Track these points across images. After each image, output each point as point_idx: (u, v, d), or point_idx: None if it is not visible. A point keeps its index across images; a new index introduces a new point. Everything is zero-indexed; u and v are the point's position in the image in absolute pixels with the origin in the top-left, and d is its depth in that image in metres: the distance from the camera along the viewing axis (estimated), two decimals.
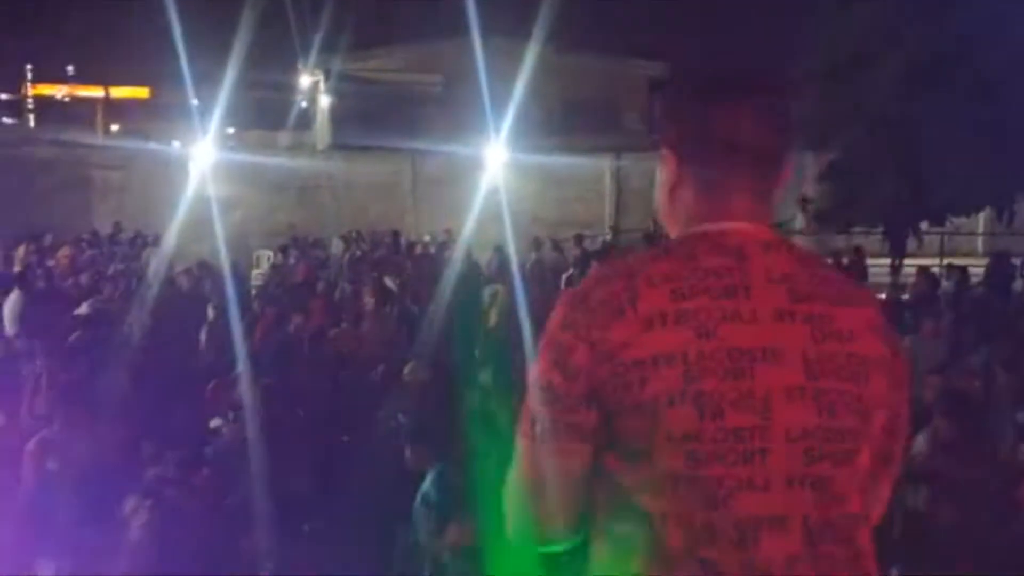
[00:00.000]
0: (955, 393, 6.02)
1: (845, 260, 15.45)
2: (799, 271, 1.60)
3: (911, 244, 16.22)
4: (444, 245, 15.56)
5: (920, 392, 5.95)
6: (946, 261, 15.00)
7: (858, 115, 14.44)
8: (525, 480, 1.63)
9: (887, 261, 16.02)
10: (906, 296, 12.44)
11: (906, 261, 15.68)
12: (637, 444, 1.53)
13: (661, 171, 1.72)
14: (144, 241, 15.05)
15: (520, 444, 1.63)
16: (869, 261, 15.65)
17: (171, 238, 13.60)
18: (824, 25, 15.48)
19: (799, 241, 17.23)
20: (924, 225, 15.93)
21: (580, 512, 1.62)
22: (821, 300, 1.58)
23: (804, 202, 17.78)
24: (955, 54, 13.21)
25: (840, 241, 16.22)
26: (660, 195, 1.73)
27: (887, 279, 15.73)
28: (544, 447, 1.59)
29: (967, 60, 12.93)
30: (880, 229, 16.07)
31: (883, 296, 14.56)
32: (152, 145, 23.07)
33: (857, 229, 16.24)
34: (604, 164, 21.78)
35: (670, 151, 1.69)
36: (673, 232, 1.70)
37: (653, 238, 18.27)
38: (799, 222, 17.41)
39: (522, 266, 12.73)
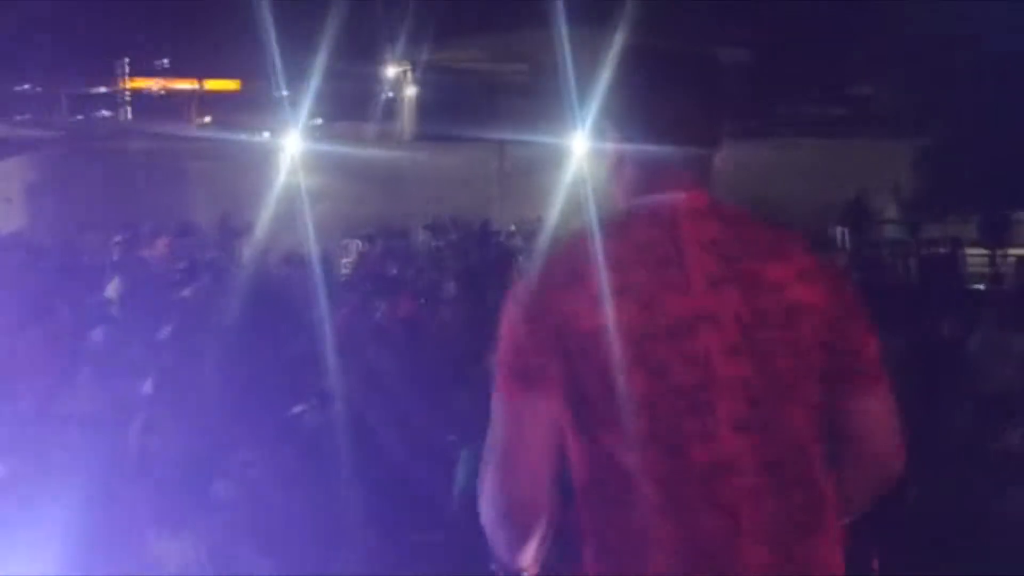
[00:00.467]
0: None
1: (942, 250, 15.16)
2: (728, 234, 1.76)
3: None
4: (533, 234, 15.60)
5: None
6: None
7: (954, 100, 14.08)
8: (499, 445, 1.73)
9: (984, 251, 15.58)
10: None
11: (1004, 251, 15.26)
12: (599, 410, 1.68)
13: (604, 148, 1.88)
14: (236, 231, 15.42)
15: (495, 410, 1.74)
16: (966, 251, 15.30)
17: (262, 228, 13.92)
18: (914, 7, 15.15)
19: (888, 229, 17.01)
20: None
21: (552, 482, 1.73)
22: (749, 258, 1.74)
23: (896, 190, 17.41)
24: None
25: (935, 230, 15.82)
26: (606, 171, 1.89)
27: (986, 269, 15.33)
28: (513, 413, 1.72)
29: None
30: (976, 217, 15.66)
31: (982, 287, 14.26)
32: (243, 136, 23.62)
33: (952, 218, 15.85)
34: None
35: (612, 129, 1.85)
36: (619, 205, 1.85)
37: None
38: (892, 211, 17.07)
39: None
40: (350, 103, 25.59)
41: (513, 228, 17.22)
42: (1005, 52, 13.26)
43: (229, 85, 36.02)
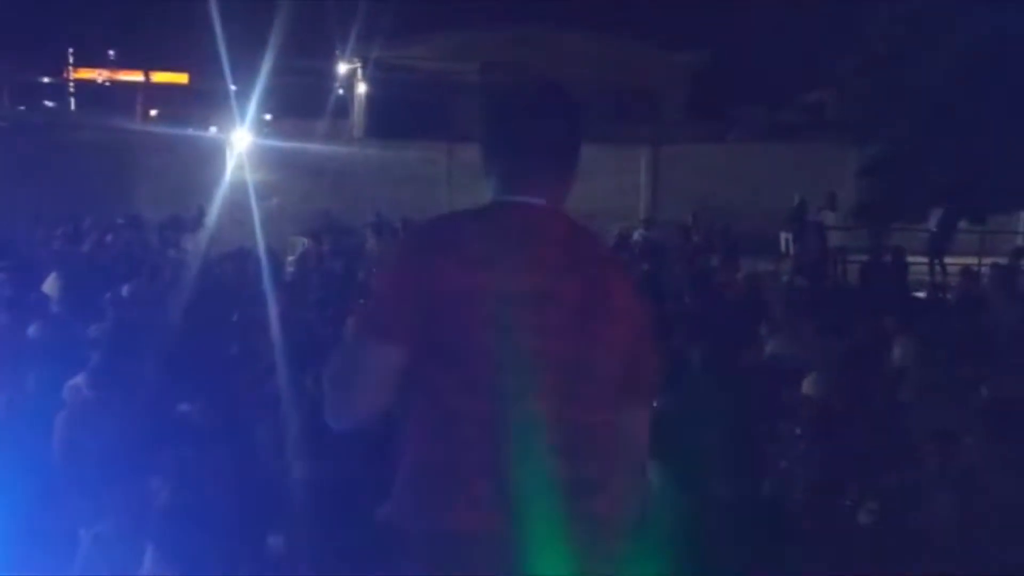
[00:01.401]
0: None
1: (888, 257, 15.42)
2: (575, 238, 2.18)
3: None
4: None
5: None
6: (987, 260, 14.88)
7: (903, 108, 14.33)
8: (346, 366, 2.14)
9: (926, 260, 15.87)
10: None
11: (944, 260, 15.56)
12: (450, 357, 2.03)
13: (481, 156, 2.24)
14: (181, 226, 15.28)
15: (351, 338, 2.19)
16: (908, 259, 15.58)
17: (208, 223, 13.85)
18: (869, 15, 15.37)
19: (832, 236, 17.26)
20: (962, 224, 15.76)
21: (383, 403, 2.14)
22: (591, 262, 2.16)
23: (831, 198, 17.72)
24: (1003, 48, 13.07)
25: (877, 238, 16.09)
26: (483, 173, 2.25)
27: (927, 278, 15.64)
28: (368, 346, 2.10)
29: (1014, 53, 12.78)
30: (919, 226, 15.95)
31: (924, 295, 14.54)
32: (190, 131, 23.38)
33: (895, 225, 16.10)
34: (641, 155, 21.75)
35: (486, 145, 2.23)
36: (488, 200, 2.22)
37: (689, 232, 18.31)
38: (829, 218, 17.34)
39: None
40: (301, 99, 25.42)
41: None
42: (955, 64, 13.53)
43: (177, 78, 35.64)
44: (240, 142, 18.31)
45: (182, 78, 35.36)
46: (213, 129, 23.80)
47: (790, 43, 24.77)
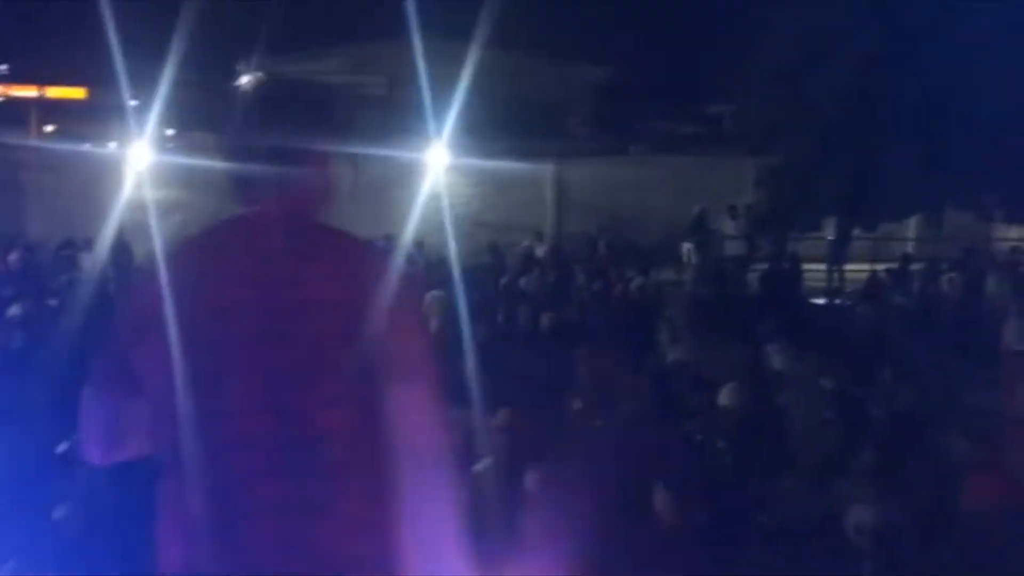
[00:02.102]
0: None
1: (786, 265, 15.83)
2: (288, 239, 2.05)
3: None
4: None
5: None
6: (880, 267, 15.41)
7: (796, 121, 14.73)
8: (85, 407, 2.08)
9: (818, 266, 16.36)
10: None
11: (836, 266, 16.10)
12: (163, 383, 1.92)
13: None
14: (76, 246, 14.89)
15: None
16: (804, 267, 16.05)
17: (105, 242, 13.52)
18: (763, 31, 15.74)
19: (733, 245, 17.69)
20: (856, 231, 16.28)
21: (120, 441, 2.08)
22: (294, 259, 2.02)
23: (732, 209, 18.15)
24: (889, 63, 13.54)
25: (775, 246, 16.53)
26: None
27: (823, 284, 16.11)
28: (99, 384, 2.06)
29: (903, 68, 13.25)
30: (814, 234, 16.43)
31: (821, 302, 14.97)
32: (87, 147, 22.79)
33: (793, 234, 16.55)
34: (546, 169, 21.90)
35: (218, 153, 2.17)
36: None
37: (596, 243, 18.53)
38: (729, 228, 17.76)
39: (464, 271, 12.82)
40: (204, 114, 24.98)
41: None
42: (844, 79, 13.95)
43: (74, 93, 34.69)
44: (140, 158, 17.88)
45: (80, 93, 34.43)
46: (113, 145, 23.22)
47: (690, 57, 25.26)
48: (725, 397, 6.11)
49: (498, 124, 21.94)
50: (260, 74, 2.24)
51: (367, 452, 1.96)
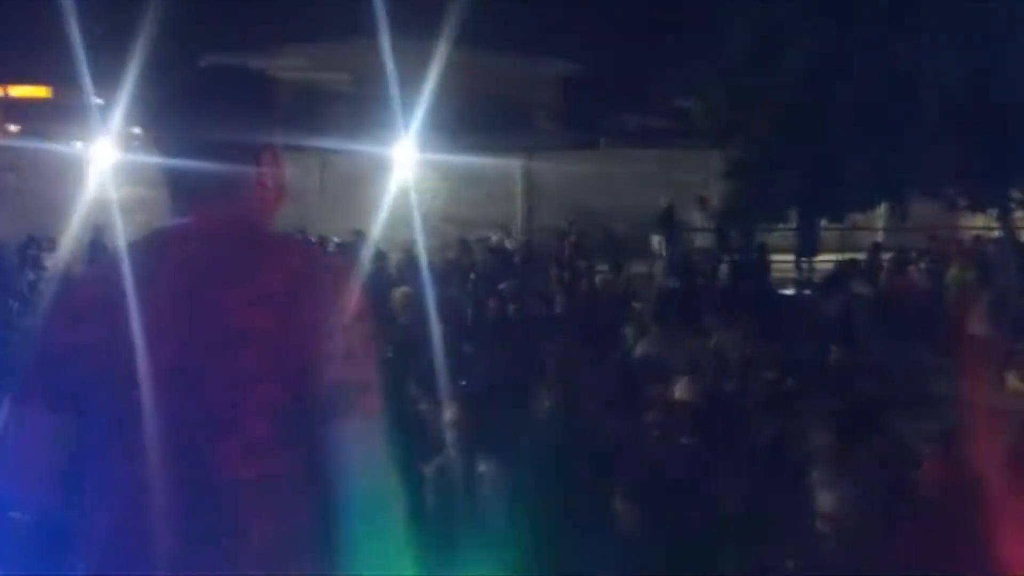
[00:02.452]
0: None
1: (755, 256, 15.92)
2: (208, 256, 1.79)
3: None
4: (352, 246, 15.49)
5: None
6: (847, 256, 15.51)
7: (761, 112, 14.78)
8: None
9: (790, 257, 16.47)
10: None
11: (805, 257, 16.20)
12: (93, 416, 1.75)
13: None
14: (39, 246, 14.77)
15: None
16: (773, 257, 16.15)
17: (68, 242, 13.41)
18: (725, 24, 15.79)
19: (702, 237, 17.76)
20: (823, 221, 16.39)
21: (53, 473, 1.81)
22: (215, 281, 1.76)
23: (702, 201, 18.21)
24: (850, 54, 13.62)
25: (743, 238, 16.62)
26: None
27: (792, 275, 16.21)
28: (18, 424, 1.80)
29: (866, 59, 13.33)
30: (782, 226, 16.52)
31: (790, 292, 15.04)
32: (51, 146, 22.57)
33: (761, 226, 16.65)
34: (515, 163, 21.92)
35: (154, 151, 1.90)
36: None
37: (566, 236, 18.55)
38: (698, 220, 17.83)
39: (432, 266, 12.82)
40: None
41: (336, 240, 17.03)
42: (805, 70, 14.02)
43: (39, 92, 34.37)
44: (103, 157, 17.72)
45: (44, 92, 34.10)
46: (78, 144, 22.99)
47: (657, 51, 25.31)
48: (680, 390, 6.12)
49: (466, 120, 21.92)
50: (196, 63, 2.08)
51: (290, 507, 1.73)
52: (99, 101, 19.58)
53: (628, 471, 5.40)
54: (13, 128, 32.83)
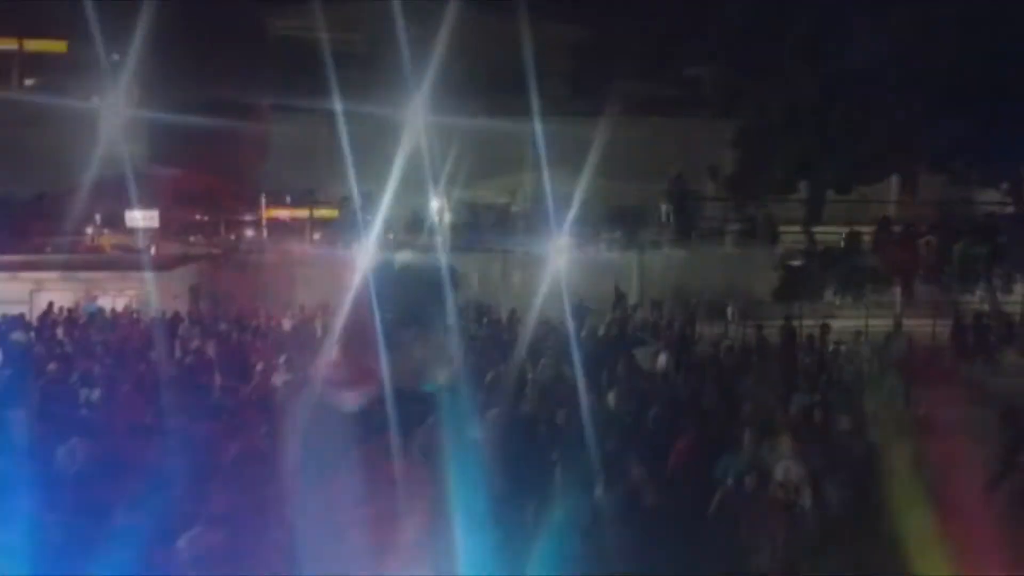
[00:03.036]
0: None
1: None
2: None
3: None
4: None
5: None
6: (852, 228, 15.46)
7: (768, 81, 14.70)
8: None
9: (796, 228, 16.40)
10: None
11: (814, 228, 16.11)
12: None
13: None
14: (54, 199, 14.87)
15: None
16: (781, 228, 16.10)
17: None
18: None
19: (711, 207, 17.67)
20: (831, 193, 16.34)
21: None
22: None
23: (713, 170, 18.11)
24: (855, 27, 13.49)
25: (752, 207, 16.57)
26: None
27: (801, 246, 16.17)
28: None
29: (872, 29, 13.19)
30: (791, 196, 16.47)
31: (798, 264, 15.00)
32: (67, 101, 22.55)
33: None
34: (525, 128, 21.76)
35: None
36: None
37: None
38: (710, 189, 17.76)
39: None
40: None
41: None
42: (811, 42, 13.91)
43: (55, 47, 34.22)
44: (117, 112, 17.75)
45: (60, 47, 33.93)
46: (94, 99, 22.95)
47: (668, 18, 25.02)
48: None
49: (479, 85, 21.78)
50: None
51: None
52: (114, 56, 19.56)
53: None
54: (28, 82, 32.77)
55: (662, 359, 10.43)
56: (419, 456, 5.95)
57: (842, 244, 13.93)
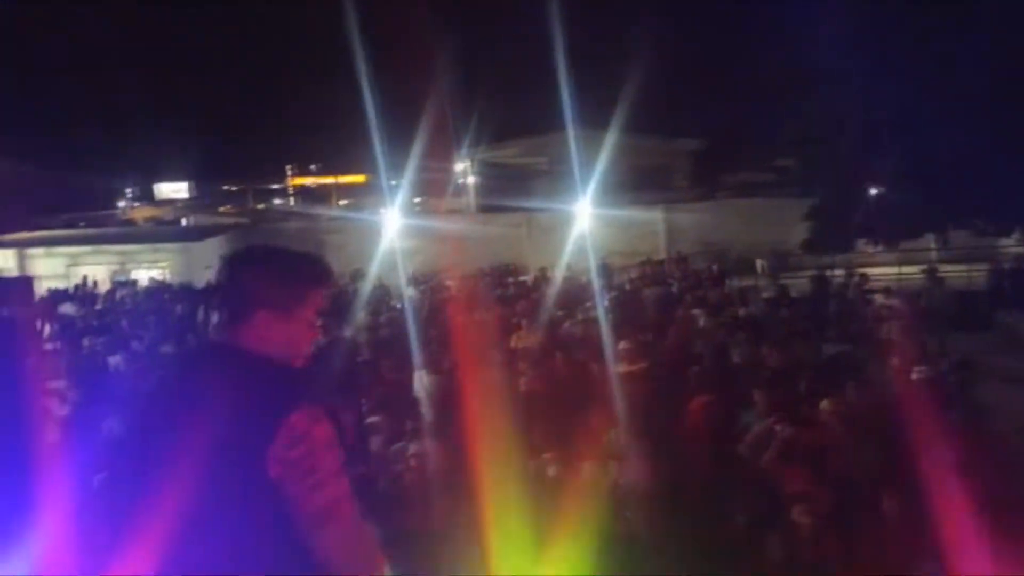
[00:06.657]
0: None
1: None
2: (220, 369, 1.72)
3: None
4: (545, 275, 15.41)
5: None
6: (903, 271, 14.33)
7: (830, 172, 14.09)
8: None
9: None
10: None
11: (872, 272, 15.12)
12: None
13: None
14: (356, 276, 16.06)
15: None
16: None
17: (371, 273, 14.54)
18: (805, 99, 15.03)
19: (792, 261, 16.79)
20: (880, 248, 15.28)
21: None
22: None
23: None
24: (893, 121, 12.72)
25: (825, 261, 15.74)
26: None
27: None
28: None
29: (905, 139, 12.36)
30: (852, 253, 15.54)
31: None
32: (364, 215, 24.21)
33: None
34: (658, 213, 21.79)
35: None
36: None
37: (684, 262, 17.98)
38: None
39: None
40: (432, 186, 25.96)
41: (535, 272, 17.24)
42: (862, 135, 13.22)
43: (358, 179, 36.76)
44: (392, 220, 18.96)
45: (361, 179, 36.39)
46: (382, 211, 24.48)
47: (763, 122, 24.21)
48: None
49: (624, 184, 21.88)
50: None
51: None
52: (393, 183, 20.94)
53: None
54: (342, 203, 35.41)
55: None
56: None
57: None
